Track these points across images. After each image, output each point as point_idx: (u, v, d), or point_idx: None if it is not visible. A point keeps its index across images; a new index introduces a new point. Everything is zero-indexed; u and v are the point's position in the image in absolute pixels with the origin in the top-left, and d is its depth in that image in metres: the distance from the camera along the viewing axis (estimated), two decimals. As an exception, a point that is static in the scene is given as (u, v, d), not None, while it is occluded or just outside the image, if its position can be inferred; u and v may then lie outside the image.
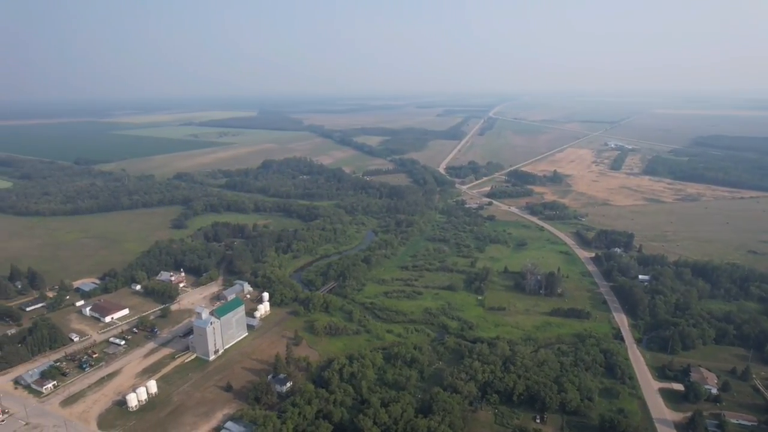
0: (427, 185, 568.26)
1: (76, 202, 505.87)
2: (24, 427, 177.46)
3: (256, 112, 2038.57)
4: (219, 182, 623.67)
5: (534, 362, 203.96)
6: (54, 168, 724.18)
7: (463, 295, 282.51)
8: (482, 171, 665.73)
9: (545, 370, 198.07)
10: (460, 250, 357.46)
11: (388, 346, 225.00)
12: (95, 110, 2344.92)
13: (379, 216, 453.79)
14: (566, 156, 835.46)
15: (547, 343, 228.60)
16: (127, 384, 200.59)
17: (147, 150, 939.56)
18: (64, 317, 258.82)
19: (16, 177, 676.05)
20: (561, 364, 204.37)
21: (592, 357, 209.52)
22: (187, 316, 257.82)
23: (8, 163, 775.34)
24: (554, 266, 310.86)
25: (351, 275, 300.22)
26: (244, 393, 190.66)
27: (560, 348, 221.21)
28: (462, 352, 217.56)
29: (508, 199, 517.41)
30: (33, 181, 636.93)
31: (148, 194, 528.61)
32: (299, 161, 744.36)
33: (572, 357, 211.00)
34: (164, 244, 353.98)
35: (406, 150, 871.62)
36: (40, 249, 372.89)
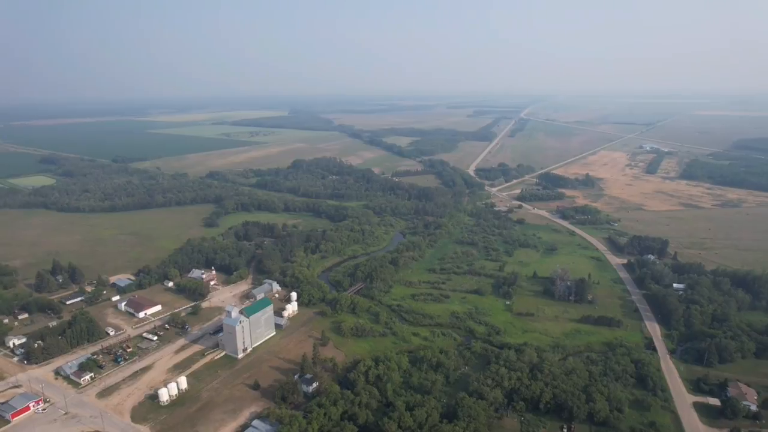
0: (456, 187, 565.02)
1: (113, 200, 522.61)
2: (63, 417, 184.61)
3: (288, 112, 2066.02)
4: (250, 181, 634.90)
5: (562, 370, 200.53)
6: (93, 166, 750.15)
7: (491, 300, 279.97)
8: (512, 173, 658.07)
9: (573, 378, 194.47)
10: (488, 253, 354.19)
11: (414, 350, 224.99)
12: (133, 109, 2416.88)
13: (408, 217, 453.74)
14: (599, 159, 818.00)
15: (576, 351, 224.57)
16: (159, 379, 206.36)
17: (181, 148, 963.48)
18: (101, 311, 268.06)
19: (59, 174, 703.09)
20: (590, 373, 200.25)
21: (622, 367, 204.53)
22: (218, 313, 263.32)
23: (52, 161, 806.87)
24: (585, 272, 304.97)
25: (378, 277, 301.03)
26: (271, 392, 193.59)
27: (589, 356, 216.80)
28: (488, 357, 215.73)
29: (539, 203, 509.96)
30: (74, 178, 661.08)
31: (182, 192, 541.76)
32: (329, 161, 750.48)
33: (602, 366, 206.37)
34: (196, 242, 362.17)
35: (436, 151, 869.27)
36: (79, 245, 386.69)
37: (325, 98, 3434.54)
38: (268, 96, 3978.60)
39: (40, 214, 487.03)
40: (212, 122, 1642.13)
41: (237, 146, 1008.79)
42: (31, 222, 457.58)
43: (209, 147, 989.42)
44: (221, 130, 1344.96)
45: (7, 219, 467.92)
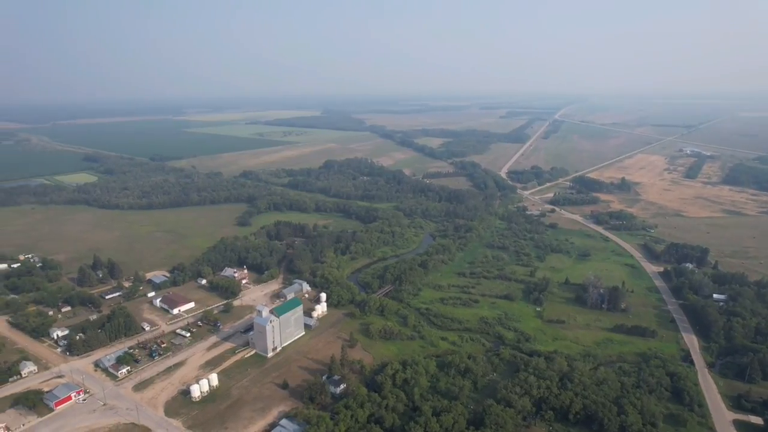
0: (487, 190, 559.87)
1: (150, 198, 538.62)
2: (102, 408, 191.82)
3: (320, 112, 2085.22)
4: (282, 181, 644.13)
5: (593, 380, 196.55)
6: (132, 164, 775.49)
7: (521, 306, 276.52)
8: (545, 176, 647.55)
9: (605, 389, 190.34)
10: (519, 258, 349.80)
11: (442, 354, 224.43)
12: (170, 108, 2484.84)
13: (438, 220, 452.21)
14: (636, 162, 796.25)
15: (608, 360, 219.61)
16: (191, 375, 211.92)
17: (216, 148, 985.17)
18: (137, 307, 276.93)
19: (100, 171, 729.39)
20: (622, 384, 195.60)
21: (656, 379, 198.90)
22: (249, 312, 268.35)
23: (95, 159, 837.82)
24: (618, 280, 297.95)
25: (407, 279, 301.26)
26: (299, 391, 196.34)
27: (622, 367, 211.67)
28: (517, 364, 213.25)
29: (572, 207, 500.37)
30: (114, 176, 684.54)
31: (216, 191, 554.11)
32: (360, 162, 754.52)
33: (635, 378, 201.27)
34: (229, 240, 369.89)
35: (468, 153, 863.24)
36: (118, 241, 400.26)
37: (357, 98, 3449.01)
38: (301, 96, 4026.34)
39: (83, 211, 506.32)
40: (246, 122, 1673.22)
41: (270, 146, 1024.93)
42: (74, 218, 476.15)
43: (243, 146, 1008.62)
44: (255, 130, 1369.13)
45: (53, 215, 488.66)
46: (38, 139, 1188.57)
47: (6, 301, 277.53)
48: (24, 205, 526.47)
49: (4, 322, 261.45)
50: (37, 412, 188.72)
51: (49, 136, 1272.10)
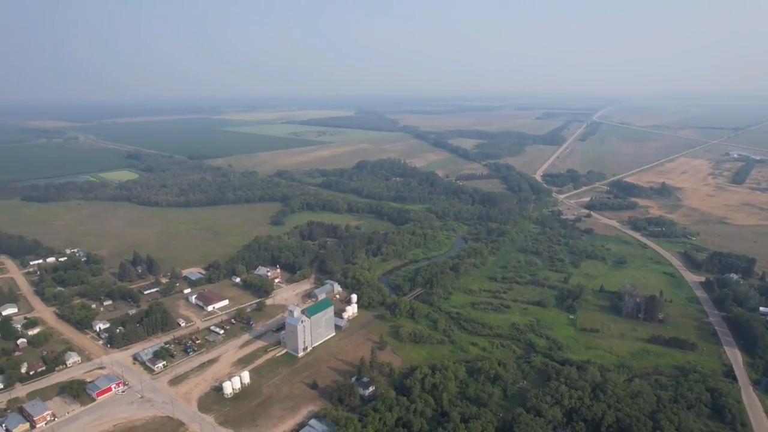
0: (521, 193, 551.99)
1: (188, 195, 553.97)
2: (139, 400, 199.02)
3: (354, 112, 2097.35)
4: (316, 181, 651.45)
5: (627, 392, 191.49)
6: (171, 162, 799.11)
7: (554, 313, 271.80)
8: (582, 180, 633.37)
9: (639, 402, 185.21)
10: (553, 264, 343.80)
11: (471, 360, 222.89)
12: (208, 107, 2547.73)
13: (470, 223, 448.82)
14: (678, 166, 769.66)
15: (644, 372, 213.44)
16: (224, 372, 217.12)
17: (252, 147, 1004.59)
18: (173, 303, 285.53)
19: (141, 169, 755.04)
20: (658, 398, 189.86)
21: (695, 395, 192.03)
22: (281, 311, 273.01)
23: (136, 156, 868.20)
24: (656, 289, 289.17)
25: (438, 283, 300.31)
26: (328, 392, 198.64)
27: (658, 380, 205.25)
28: (548, 373, 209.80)
29: (609, 212, 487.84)
30: (154, 173, 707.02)
31: (251, 190, 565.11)
32: (393, 162, 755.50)
33: (672, 392, 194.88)
34: (263, 239, 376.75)
35: (502, 154, 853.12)
36: (157, 237, 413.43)
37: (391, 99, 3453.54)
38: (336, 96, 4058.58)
39: (124, 207, 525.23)
40: (282, 121, 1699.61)
41: (304, 146, 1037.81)
42: (116, 214, 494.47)
43: (278, 146, 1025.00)
44: (290, 129, 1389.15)
45: (97, 211, 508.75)
46: (85, 137, 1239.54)
47: (54, 293, 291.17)
48: (71, 201, 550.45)
49: (51, 313, 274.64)
50: (81, 401, 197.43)
51: (95, 134, 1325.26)
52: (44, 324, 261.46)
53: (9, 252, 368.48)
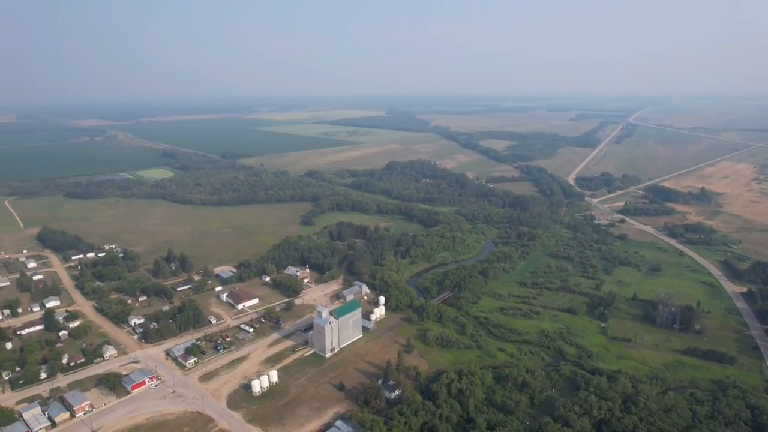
0: (553, 196, 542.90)
1: (221, 194, 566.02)
2: (171, 395, 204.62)
3: (385, 112, 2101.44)
4: (346, 181, 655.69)
5: (660, 406, 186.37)
6: (205, 161, 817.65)
7: (584, 320, 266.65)
8: (616, 184, 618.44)
9: (673, 416, 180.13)
10: (584, 270, 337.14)
11: (499, 366, 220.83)
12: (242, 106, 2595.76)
13: (500, 226, 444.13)
14: (719, 171, 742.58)
15: (678, 385, 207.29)
16: (253, 370, 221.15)
17: (283, 146, 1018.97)
18: (205, 300, 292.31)
19: (176, 167, 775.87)
20: (693, 413, 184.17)
21: (734, 411, 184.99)
22: (309, 311, 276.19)
23: (172, 155, 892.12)
24: (693, 298, 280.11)
25: (467, 287, 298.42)
26: (354, 394, 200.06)
27: (694, 394, 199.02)
28: (578, 382, 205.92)
29: (644, 217, 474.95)
30: (189, 172, 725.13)
31: (282, 190, 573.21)
32: (423, 164, 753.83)
33: (708, 407, 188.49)
34: (293, 239, 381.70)
35: (534, 156, 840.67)
36: (190, 235, 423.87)
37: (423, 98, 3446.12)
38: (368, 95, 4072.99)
39: (160, 205, 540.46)
40: (313, 121, 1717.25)
41: (335, 146, 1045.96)
42: (152, 211, 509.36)
43: (309, 146, 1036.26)
44: (321, 129, 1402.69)
45: (134, 208, 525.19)
46: (124, 136, 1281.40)
47: (93, 288, 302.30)
48: (110, 198, 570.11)
49: (91, 307, 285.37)
50: (117, 393, 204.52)
51: (133, 132, 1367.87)
52: (84, 317, 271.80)
53: (53, 247, 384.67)
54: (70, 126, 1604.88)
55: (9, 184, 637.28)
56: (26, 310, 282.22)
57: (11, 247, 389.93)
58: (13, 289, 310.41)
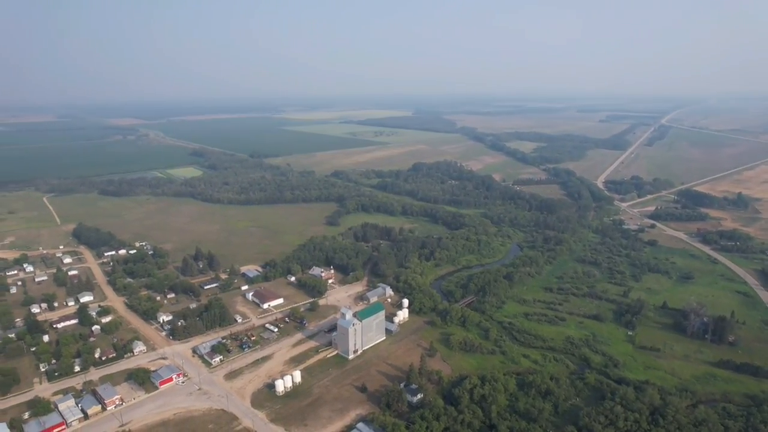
0: (581, 200, 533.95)
1: (248, 193, 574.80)
2: (197, 392, 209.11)
3: (412, 112, 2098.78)
4: (371, 182, 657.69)
5: (690, 419, 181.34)
6: (233, 160, 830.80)
7: (611, 328, 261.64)
8: (647, 188, 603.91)
9: (703, 431, 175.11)
10: (612, 276, 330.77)
11: (522, 372, 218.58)
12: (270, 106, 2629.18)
13: (527, 230, 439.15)
14: (758, 175, 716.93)
15: (709, 399, 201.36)
16: (277, 369, 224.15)
17: (310, 146, 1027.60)
18: (231, 299, 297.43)
19: (205, 166, 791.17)
20: (726, 428, 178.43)
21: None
22: (333, 312, 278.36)
23: (201, 154, 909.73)
24: (727, 308, 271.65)
25: (491, 291, 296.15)
26: (376, 396, 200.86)
27: (726, 408, 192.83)
28: (603, 391, 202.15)
29: (676, 223, 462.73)
30: (217, 171, 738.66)
31: (308, 190, 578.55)
32: (449, 165, 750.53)
33: (742, 422, 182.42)
34: (318, 240, 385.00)
35: (562, 159, 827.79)
36: (217, 234, 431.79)
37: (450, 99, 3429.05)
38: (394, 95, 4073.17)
39: (188, 203, 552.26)
40: (340, 121, 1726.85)
41: (361, 146, 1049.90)
42: (181, 210, 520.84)
43: (335, 146, 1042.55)
44: (348, 129, 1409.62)
45: (164, 206, 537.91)
46: (155, 135, 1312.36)
47: (124, 284, 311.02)
48: (141, 196, 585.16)
49: (121, 303, 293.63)
50: (145, 388, 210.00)
51: (164, 131, 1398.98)
52: (115, 313, 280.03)
53: (87, 243, 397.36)
54: (106, 125, 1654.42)
55: (48, 181, 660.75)
56: (62, 304, 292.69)
57: (49, 243, 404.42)
58: (50, 283, 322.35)
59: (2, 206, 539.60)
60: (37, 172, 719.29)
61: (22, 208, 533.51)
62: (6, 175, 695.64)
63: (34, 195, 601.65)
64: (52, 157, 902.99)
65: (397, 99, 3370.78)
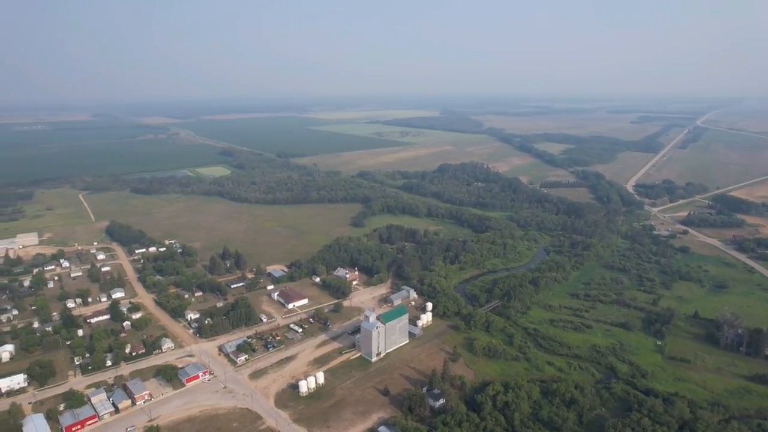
0: (610, 204, 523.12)
1: (275, 193, 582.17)
2: (222, 390, 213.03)
3: (439, 112, 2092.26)
4: (397, 183, 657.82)
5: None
6: (261, 159, 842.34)
7: (639, 337, 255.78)
8: (679, 192, 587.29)
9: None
10: (641, 283, 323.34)
11: (547, 380, 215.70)
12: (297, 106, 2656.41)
13: (554, 234, 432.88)
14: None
15: (743, 414, 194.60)
16: (300, 370, 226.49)
17: (336, 146, 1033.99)
18: (257, 298, 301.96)
19: (233, 166, 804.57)
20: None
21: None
22: (357, 313, 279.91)
23: (229, 153, 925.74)
24: (764, 320, 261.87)
25: (516, 296, 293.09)
26: (399, 400, 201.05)
27: (762, 426, 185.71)
28: (630, 402, 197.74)
29: (710, 229, 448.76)
30: (245, 170, 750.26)
31: (334, 190, 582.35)
32: (475, 167, 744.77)
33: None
34: (343, 240, 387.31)
35: (591, 161, 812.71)
36: (244, 233, 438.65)
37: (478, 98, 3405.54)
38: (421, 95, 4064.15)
39: (217, 202, 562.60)
40: (366, 120, 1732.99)
41: (387, 146, 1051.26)
42: (209, 208, 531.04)
43: (361, 146, 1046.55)
44: (374, 129, 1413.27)
45: (193, 204, 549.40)
46: (185, 133, 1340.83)
47: (153, 282, 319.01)
48: (171, 194, 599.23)
49: (151, 300, 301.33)
50: (173, 385, 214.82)
51: (194, 130, 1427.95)
52: (145, 309, 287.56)
53: (119, 240, 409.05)
54: (137, 123, 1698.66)
55: (83, 178, 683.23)
56: (95, 299, 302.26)
57: (84, 239, 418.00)
58: (84, 279, 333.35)
59: (42, 203, 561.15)
60: (73, 170, 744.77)
61: (60, 204, 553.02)
62: (46, 173, 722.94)
63: (70, 192, 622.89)
64: (88, 155, 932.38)
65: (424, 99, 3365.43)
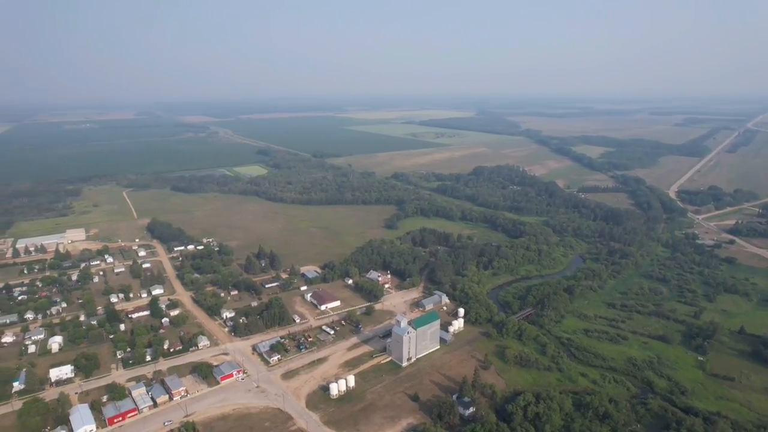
0: (651, 211, 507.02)
1: (310, 193, 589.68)
2: (255, 389, 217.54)
3: (475, 113, 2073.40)
4: (431, 185, 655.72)
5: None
6: (297, 159, 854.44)
7: (679, 351, 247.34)
8: (726, 199, 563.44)
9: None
10: (682, 294, 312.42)
11: (580, 392, 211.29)
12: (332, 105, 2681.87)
13: (590, 241, 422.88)
14: None
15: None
16: (331, 372, 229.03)
17: (371, 147, 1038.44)
18: (290, 298, 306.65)
19: (270, 165, 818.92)
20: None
21: None
22: (388, 317, 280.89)
23: (266, 152, 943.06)
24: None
25: (550, 304, 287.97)
26: (428, 406, 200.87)
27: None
28: (667, 420, 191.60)
29: (760, 239, 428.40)
30: (281, 170, 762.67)
31: (368, 192, 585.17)
32: (511, 169, 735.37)
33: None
34: (376, 243, 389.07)
35: (631, 165, 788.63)
36: (279, 233, 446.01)
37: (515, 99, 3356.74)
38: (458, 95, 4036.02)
39: (253, 201, 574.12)
40: (402, 121, 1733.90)
41: (422, 147, 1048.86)
42: (246, 207, 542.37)
43: (396, 146, 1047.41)
44: (409, 130, 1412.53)
45: (230, 203, 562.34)
46: (224, 132, 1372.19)
47: (191, 279, 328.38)
48: (209, 193, 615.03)
49: (189, 297, 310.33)
50: (208, 382, 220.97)
51: (233, 129, 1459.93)
52: (183, 307, 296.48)
53: (159, 237, 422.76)
54: (179, 122, 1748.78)
55: (127, 176, 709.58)
56: (136, 295, 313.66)
57: (127, 236, 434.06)
58: (127, 274, 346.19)
59: (89, 199, 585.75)
60: (118, 168, 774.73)
61: (105, 201, 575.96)
62: (93, 170, 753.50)
63: (115, 189, 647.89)
64: (131, 153, 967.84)
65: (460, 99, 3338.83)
